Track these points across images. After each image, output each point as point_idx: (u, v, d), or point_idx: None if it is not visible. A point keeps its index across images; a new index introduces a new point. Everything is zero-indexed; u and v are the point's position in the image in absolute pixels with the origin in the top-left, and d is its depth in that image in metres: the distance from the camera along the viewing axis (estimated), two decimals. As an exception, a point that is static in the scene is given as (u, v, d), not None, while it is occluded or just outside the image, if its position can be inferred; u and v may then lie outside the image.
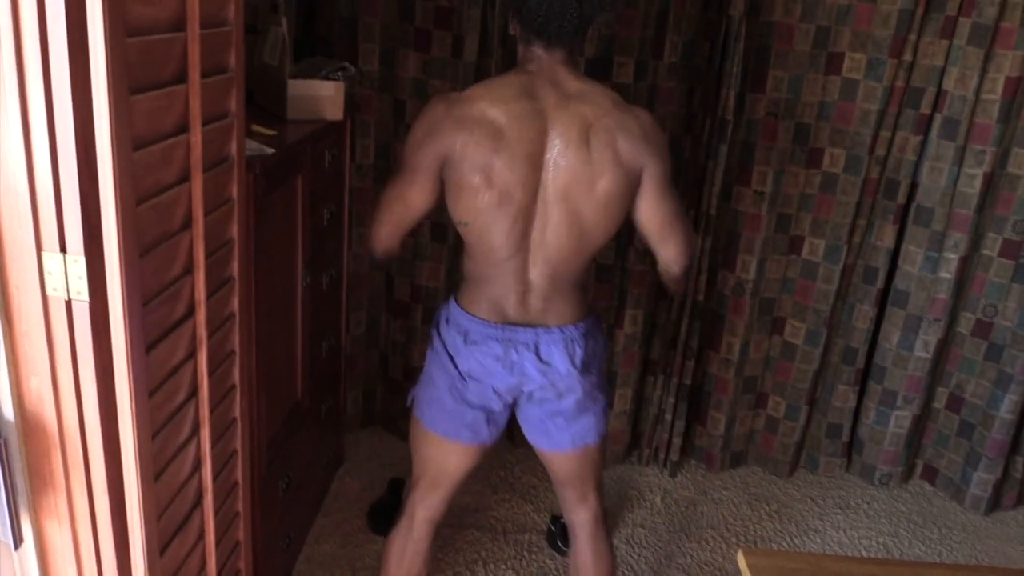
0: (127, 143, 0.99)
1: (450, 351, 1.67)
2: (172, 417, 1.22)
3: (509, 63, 2.02)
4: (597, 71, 2.41)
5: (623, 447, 2.78)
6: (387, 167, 2.55)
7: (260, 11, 2.27)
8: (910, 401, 2.65)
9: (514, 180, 1.51)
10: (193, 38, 1.11)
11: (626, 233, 2.57)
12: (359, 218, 2.61)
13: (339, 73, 2.06)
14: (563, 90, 1.55)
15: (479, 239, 1.59)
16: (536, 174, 1.52)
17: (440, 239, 2.56)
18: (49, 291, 1.01)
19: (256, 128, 1.77)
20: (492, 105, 1.52)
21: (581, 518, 1.81)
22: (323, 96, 2.00)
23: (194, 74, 1.13)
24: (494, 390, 1.66)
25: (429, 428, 1.73)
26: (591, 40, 2.36)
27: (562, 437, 1.73)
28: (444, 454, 1.74)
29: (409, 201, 1.59)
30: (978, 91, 2.33)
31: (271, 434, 1.89)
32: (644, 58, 2.40)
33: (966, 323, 2.60)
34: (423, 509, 1.78)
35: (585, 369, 1.65)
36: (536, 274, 1.60)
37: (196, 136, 1.16)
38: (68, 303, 1.01)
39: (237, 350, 1.43)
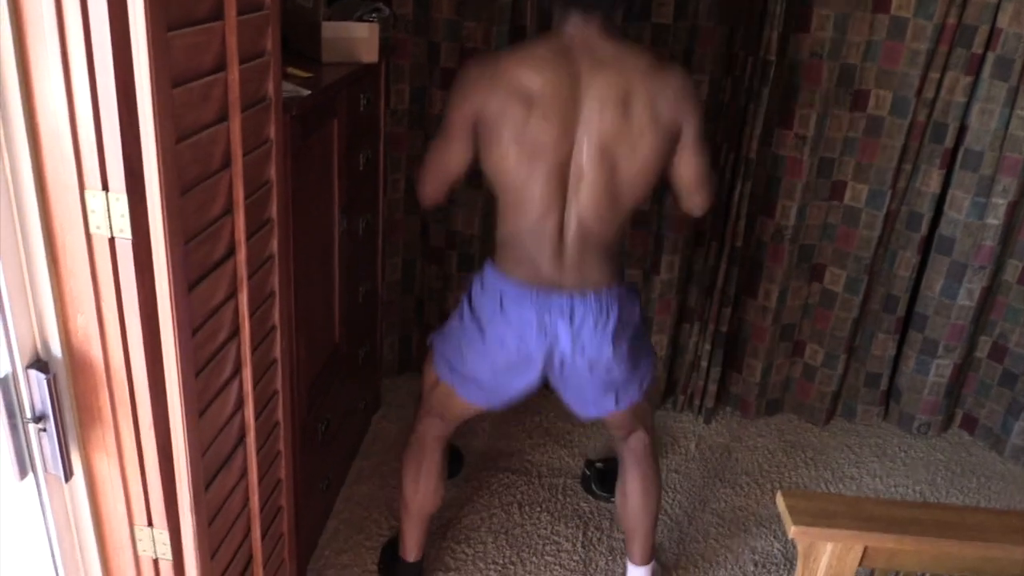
0: (166, 80, 0.98)
1: (482, 322, 1.69)
2: (215, 356, 1.23)
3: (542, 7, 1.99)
4: (636, 12, 2.35)
5: (658, 394, 2.78)
6: (422, 112, 2.53)
7: (293, -49, 2.24)
8: (951, 350, 2.61)
9: (547, 139, 1.54)
10: (229, -26, 1.10)
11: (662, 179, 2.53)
12: (395, 163, 2.60)
13: (373, 15, 2.03)
14: (598, 55, 1.56)
15: (512, 194, 1.61)
16: (571, 134, 1.55)
17: (476, 185, 2.54)
18: (93, 229, 1.02)
19: (291, 70, 1.76)
20: (526, 68, 1.55)
21: (630, 446, 1.91)
22: (357, 38, 1.97)
23: (230, 10, 1.11)
24: (523, 360, 1.67)
25: (443, 379, 1.80)
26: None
27: (606, 403, 1.77)
28: (455, 404, 1.83)
29: (448, 161, 1.66)
30: (1035, 28, 2.23)
31: (310, 377, 1.92)
32: (684, -3, 2.33)
33: (1012, 271, 2.54)
34: (434, 429, 1.89)
35: (616, 337, 1.66)
36: (571, 231, 1.61)
37: (234, 74, 1.15)
38: (112, 241, 1.02)
39: (277, 291, 1.44)
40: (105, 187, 1.00)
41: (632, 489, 1.93)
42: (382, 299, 2.57)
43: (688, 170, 1.66)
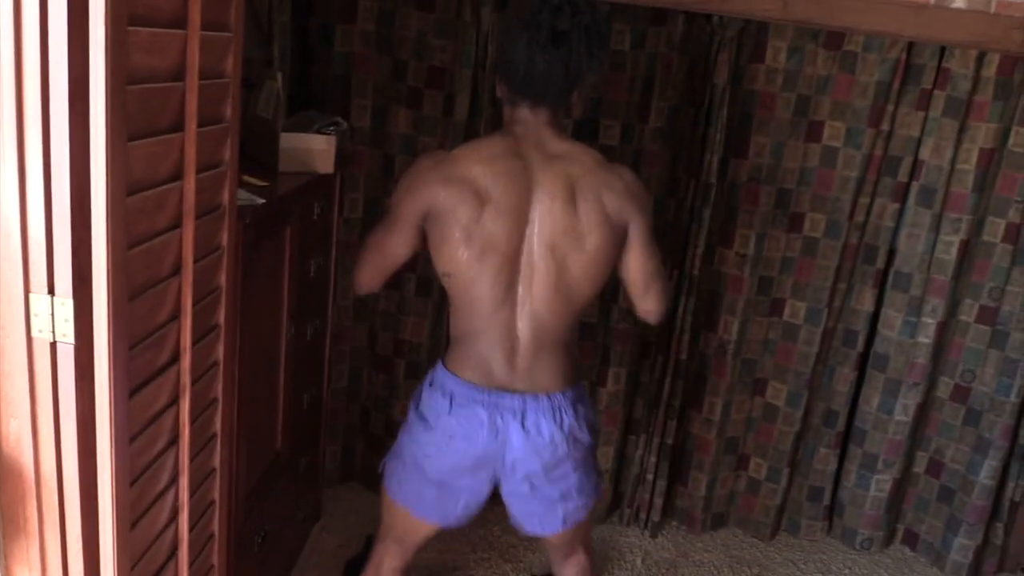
0: (122, 188, 1.00)
1: (430, 422, 1.64)
2: (152, 464, 1.20)
3: (498, 123, 2.07)
4: (584, 133, 2.46)
5: (604, 507, 2.76)
6: (374, 221, 2.56)
7: (255, 65, 2.32)
8: (890, 465, 2.66)
9: (498, 233, 1.55)
10: (192, 88, 1.13)
11: (610, 291, 2.59)
12: (345, 271, 2.61)
13: (331, 128, 2.09)
14: (547, 150, 1.59)
15: (464, 291, 1.61)
16: (521, 229, 1.56)
17: (425, 294, 2.57)
18: (34, 332, 1.01)
19: (248, 178, 1.79)
20: (477, 163, 1.57)
21: (569, 571, 1.84)
22: (315, 149, 2.02)
23: (191, 123, 1.15)
24: (473, 463, 1.63)
25: (397, 500, 1.74)
26: (578, 102, 2.42)
27: (553, 520, 1.71)
28: (411, 525, 1.76)
29: (390, 249, 1.65)
30: (953, 161, 2.39)
31: (249, 486, 1.87)
32: (630, 121, 2.46)
33: (944, 387, 2.62)
34: (390, 559, 1.81)
35: (572, 438, 1.63)
36: (523, 329, 1.61)
37: (190, 183, 1.17)
38: (53, 345, 1.01)
39: (220, 398, 1.42)
40: (51, 291, 0.99)
41: None
42: (327, 406, 2.53)
43: (636, 269, 1.65)
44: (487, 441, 1.61)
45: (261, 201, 1.65)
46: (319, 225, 2.17)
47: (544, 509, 1.70)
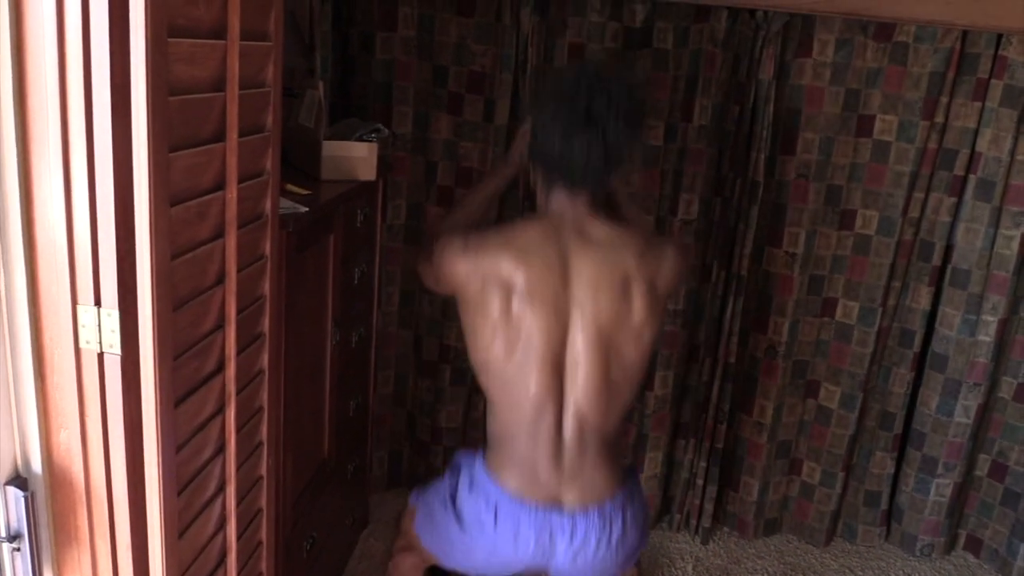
0: (165, 199, 1.01)
1: (468, 525, 1.55)
2: (199, 473, 1.21)
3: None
4: (627, 133, 2.43)
5: (654, 512, 2.72)
6: (418, 227, 2.58)
7: (297, 75, 2.34)
8: (951, 468, 2.57)
9: (536, 328, 1.46)
10: (232, 98, 1.14)
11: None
12: (389, 277, 2.62)
13: (373, 135, 2.10)
14: (588, 235, 1.51)
15: (503, 391, 1.52)
16: (562, 324, 1.47)
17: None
18: (82, 344, 1.02)
19: (290, 187, 1.80)
20: (509, 252, 1.48)
21: None
22: (356, 157, 2.03)
23: (232, 133, 1.15)
24: (513, 567, 1.56)
25: (427, 548, 1.72)
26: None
27: None
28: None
29: (438, 265, 1.61)
30: (1013, 152, 2.31)
31: (297, 493, 1.87)
32: (674, 121, 2.42)
33: (1007, 388, 2.53)
34: (410, 560, 1.81)
35: (620, 547, 1.56)
36: (569, 431, 1.51)
37: (232, 193, 1.17)
38: (100, 356, 1.02)
39: (266, 406, 1.42)
40: (98, 302, 1.00)
41: None
42: (373, 413, 2.54)
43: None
44: (533, 554, 1.53)
45: (304, 209, 1.66)
46: (363, 232, 2.17)
47: None
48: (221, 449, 1.27)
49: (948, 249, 2.45)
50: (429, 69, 2.46)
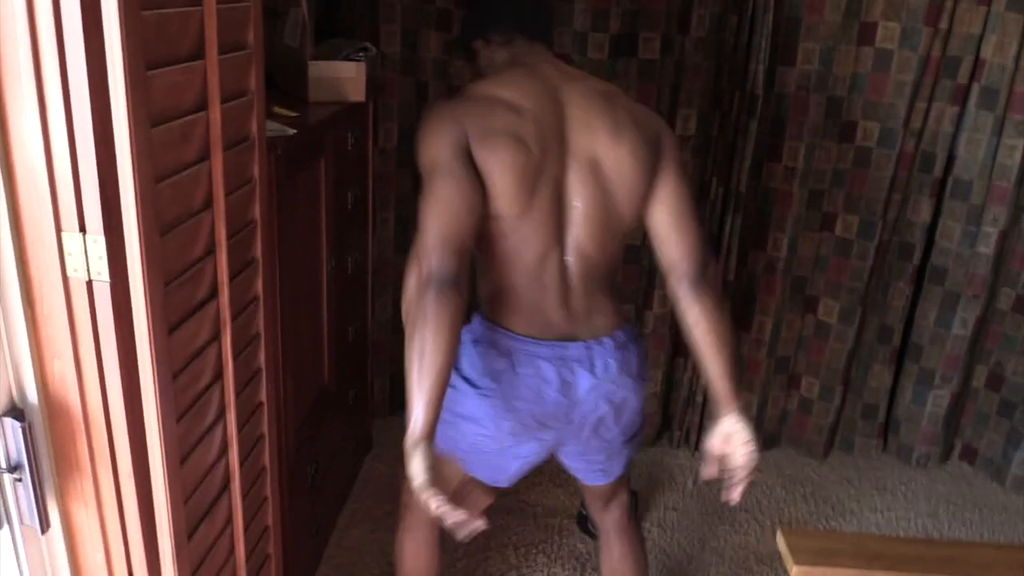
0: (144, 119, 0.97)
1: (484, 382, 1.46)
2: (197, 400, 1.20)
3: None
4: (622, 47, 2.36)
5: (654, 430, 2.75)
6: (410, 151, 2.51)
7: (280, -7, 2.25)
8: (948, 380, 2.59)
9: (542, 165, 1.38)
10: (210, 13, 1.09)
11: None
12: (384, 202, 2.59)
13: (360, 54, 2.04)
14: (564, 72, 1.49)
15: (507, 242, 1.41)
16: (562, 157, 1.40)
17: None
18: (70, 272, 0.99)
19: (278, 110, 1.75)
20: (502, 88, 1.42)
21: (613, 515, 1.74)
22: (344, 77, 1.97)
23: (211, 50, 1.10)
24: (538, 424, 1.48)
25: (445, 451, 1.50)
26: (615, 16, 2.32)
27: (617, 465, 1.62)
28: (464, 483, 1.58)
29: (456, 208, 1.32)
30: (1017, 59, 2.25)
31: (298, 420, 1.88)
32: (670, 33, 2.35)
33: (1006, 299, 2.53)
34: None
35: (638, 376, 1.52)
36: (573, 267, 1.45)
37: (215, 113, 1.13)
38: (89, 284, 0.99)
39: (262, 333, 1.41)
40: (82, 228, 0.97)
41: (616, 556, 1.75)
42: (372, 338, 2.54)
43: (669, 202, 1.45)
44: (556, 399, 1.46)
45: (292, 132, 1.62)
46: (354, 156, 2.13)
47: (610, 456, 1.59)
48: (219, 376, 1.27)
49: (950, 160, 2.41)
50: (417, -16, 2.37)
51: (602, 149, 1.41)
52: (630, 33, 2.34)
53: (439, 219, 1.31)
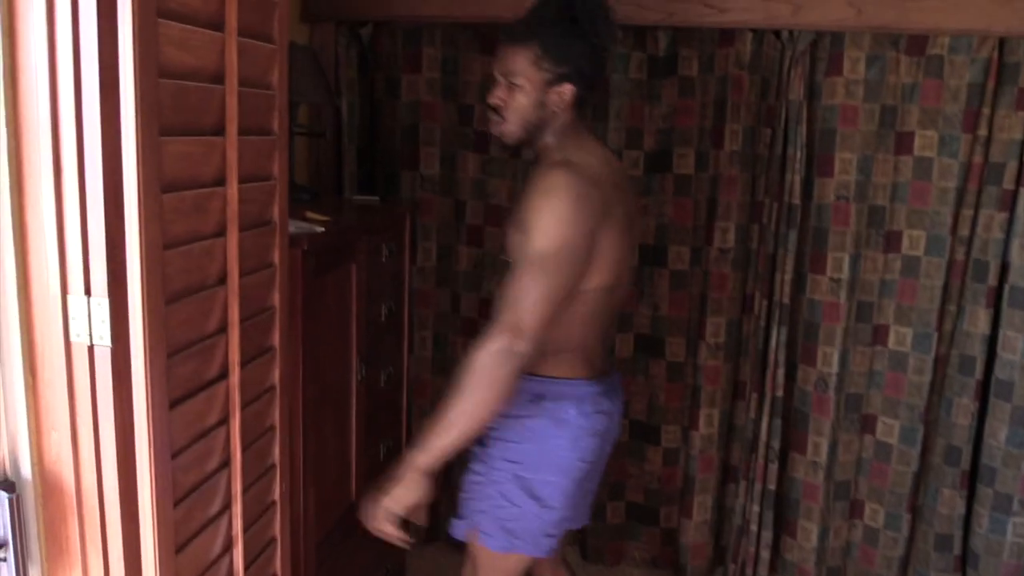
0: (155, 183, 0.98)
1: (563, 429, 1.55)
2: (199, 486, 1.14)
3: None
4: (656, 164, 2.38)
5: (707, 561, 2.55)
6: (449, 269, 2.54)
7: (324, 115, 2.36)
8: (1028, 506, 2.37)
9: (631, 232, 1.62)
10: (231, 92, 1.12)
11: (695, 326, 2.45)
12: (421, 321, 2.58)
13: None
14: (616, 165, 1.66)
15: (603, 298, 1.54)
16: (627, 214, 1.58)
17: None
18: (72, 337, 0.98)
19: (310, 215, 1.78)
20: (594, 158, 1.55)
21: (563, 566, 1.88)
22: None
23: (231, 127, 1.13)
24: (601, 459, 1.65)
25: (518, 553, 1.64)
26: (649, 133, 2.37)
27: (588, 512, 1.78)
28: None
29: (568, 286, 1.43)
30: (1064, 161, 2.19)
31: (321, 533, 1.79)
32: (704, 148, 2.37)
33: (1083, 414, 2.34)
34: None
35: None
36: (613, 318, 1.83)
37: (232, 190, 1.14)
38: (91, 349, 0.97)
39: (278, 426, 1.37)
40: (88, 292, 0.97)
41: None
42: (407, 460, 2.45)
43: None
44: (608, 425, 1.62)
45: (320, 229, 1.63)
46: (388, 267, 2.13)
47: (589, 499, 1.74)
48: (226, 464, 1.21)
49: (1004, 267, 2.31)
50: (455, 109, 2.46)
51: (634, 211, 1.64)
52: (664, 151, 2.37)
53: (550, 301, 1.40)
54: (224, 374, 1.18)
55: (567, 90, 1.53)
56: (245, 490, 1.26)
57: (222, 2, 1.09)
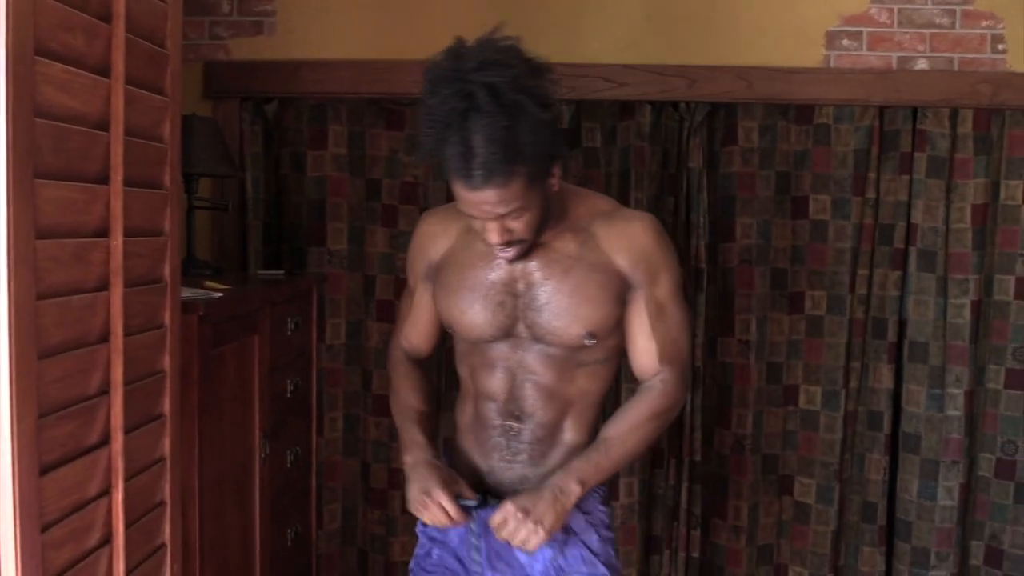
0: (28, 226, 0.91)
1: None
2: (76, 564, 1.03)
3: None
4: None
5: (634, 640, 2.47)
6: (359, 347, 2.48)
7: (227, 188, 2.31)
8: (944, 559, 2.39)
9: None
10: (116, 139, 1.07)
11: (612, 392, 2.44)
12: (332, 400, 2.49)
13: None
14: None
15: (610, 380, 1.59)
16: None
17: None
18: (-69, 395, 0.88)
19: (209, 283, 1.71)
20: None
21: None
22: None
23: (116, 176, 1.08)
24: None
25: None
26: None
27: None
28: None
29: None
30: (947, 221, 2.32)
31: (221, 626, 1.65)
32: (610, 216, 2.40)
33: (987, 465, 2.40)
34: None
35: None
36: None
37: (117, 241, 1.08)
38: (-50, 407, 0.88)
39: (168, 502, 1.26)
40: (-51, 344, 0.88)
41: None
42: (317, 549, 2.32)
43: None
44: None
45: (217, 295, 1.56)
46: (295, 341, 2.06)
47: None
48: (107, 540, 1.11)
49: (902, 324, 2.40)
50: (362, 184, 2.45)
51: None
52: (572, 218, 2.40)
53: (689, 332, 1.52)
54: (106, 440, 1.09)
55: (558, 170, 1.41)
56: (129, 572, 1.15)
57: (108, 47, 1.05)
